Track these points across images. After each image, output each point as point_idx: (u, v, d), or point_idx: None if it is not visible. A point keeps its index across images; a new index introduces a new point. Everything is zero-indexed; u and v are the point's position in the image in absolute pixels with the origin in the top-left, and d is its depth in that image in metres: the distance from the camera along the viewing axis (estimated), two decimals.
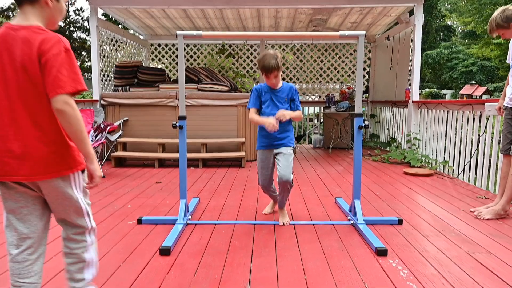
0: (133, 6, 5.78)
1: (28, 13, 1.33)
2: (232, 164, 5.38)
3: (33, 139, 1.32)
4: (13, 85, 1.30)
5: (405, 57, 6.17)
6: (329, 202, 3.40)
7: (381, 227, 2.72)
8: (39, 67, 1.28)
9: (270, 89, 2.77)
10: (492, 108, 3.53)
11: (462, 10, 24.42)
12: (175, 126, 2.74)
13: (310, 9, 6.16)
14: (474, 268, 2.06)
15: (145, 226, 2.72)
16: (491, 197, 3.53)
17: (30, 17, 1.33)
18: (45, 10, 1.35)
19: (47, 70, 1.27)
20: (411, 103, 5.69)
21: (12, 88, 1.31)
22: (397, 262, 2.13)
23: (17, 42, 1.29)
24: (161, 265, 2.09)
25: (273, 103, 2.75)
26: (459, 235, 2.57)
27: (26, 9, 1.34)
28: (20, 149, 1.31)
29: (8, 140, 1.31)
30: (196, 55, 8.49)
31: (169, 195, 3.65)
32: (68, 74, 1.29)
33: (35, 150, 1.32)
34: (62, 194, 1.39)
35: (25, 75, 1.29)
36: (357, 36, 2.74)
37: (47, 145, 1.34)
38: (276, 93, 2.76)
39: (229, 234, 2.57)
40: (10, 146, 1.31)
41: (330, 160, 5.81)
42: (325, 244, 2.40)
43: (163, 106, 5.51)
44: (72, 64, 1.31)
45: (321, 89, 8.43)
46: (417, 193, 3.75)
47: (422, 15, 5.56)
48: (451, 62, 26.30)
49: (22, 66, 1.28)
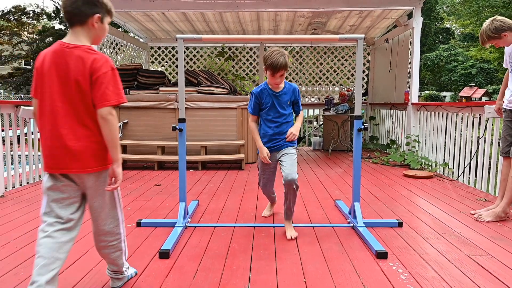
0: (134, 9, 5.80)
1: (78, 33, 1.59)
2: (231, 167, 5.37)
3: (85, 138, 1.57)
4: (65, 93, 1.55)
5: (404, 59, 6.18)
6: (329, 205, 3.40)
7: (381, 229, 2.71)
8: (90, 82, 1.54)
9: (272, 93, 2.59)
10: (492, 110, 3.53)
11: (461, 13, 24.50)
12: (174, 128, 2.74)
13: (309, 12, 6.18)
14: (475, 271, 2.06)
15: (144, 229, 2.71)
16: (491, 199, 3.53)
17: (81, 37, 1.59)
18: (91, 30, 1.61)
19: (97, 86, 1.54)
20: (410, 106, 5.70)
21: (64, 96, 1.55)
22: (397, 265, 2.13)
23: (71, 58, 1.54)
24: (160, 268, 2.08)
25: (275, 108, 2.59)
26: (460, 238, 2.56)
27: (77, 29, 1.59)
28: (74, 147, 1.55)
29: (63, 139, 1.55)
30: (196, 58, 8.51)
31: (169, 197, 3.65)
32: (113, 90, 1.56)
33: (86, 147, 1.57)
34: (103, 185, 1.63)
35: (77, 87, 1.54)
36: (356, 39, 2.74)
37: (95, 143, 1.58)
38: (279, 97, 2.59)
39: (228, 237, 2.56)
40: (65, 144, 1.55)
41: (329, 163, 5.81)
42: (324, 246, 2.39)
43: (162, 109, 5.51)
44: (116, 81, 1.58)
45: (321, 92, 8.44)
46: (417, 196, 3.75)
47: (421, 18, 5.58)
48: (450, 64, 26.36)
49: (75, 79, 1.54)
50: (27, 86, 26.64)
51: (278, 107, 2.60)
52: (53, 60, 1.56)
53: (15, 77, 26.26)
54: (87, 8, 1.57)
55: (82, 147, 1.56)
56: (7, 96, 22.95)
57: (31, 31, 28.39)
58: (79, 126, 1.56)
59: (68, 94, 1.55)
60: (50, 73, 1.56)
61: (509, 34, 2.85)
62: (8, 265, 2.11)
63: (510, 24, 2.85)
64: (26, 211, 3.15)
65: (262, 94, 2.60)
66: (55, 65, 1.55)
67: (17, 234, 2.60)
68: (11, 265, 2.10)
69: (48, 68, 1.56)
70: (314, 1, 5.52)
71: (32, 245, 2.40)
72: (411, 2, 5.49)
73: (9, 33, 26.79)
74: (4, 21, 26.42)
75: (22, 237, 2.54)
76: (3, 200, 3.53)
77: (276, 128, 2.63)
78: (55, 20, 29.29)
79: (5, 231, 2.66)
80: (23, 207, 3.27)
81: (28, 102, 4.29)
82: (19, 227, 2.76)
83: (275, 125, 2.63)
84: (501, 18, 2.90)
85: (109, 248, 1.74)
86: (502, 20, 2.87)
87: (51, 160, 1.58)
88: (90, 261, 2.16)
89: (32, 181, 4.31)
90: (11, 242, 2.46)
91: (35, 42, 27.39)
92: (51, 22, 29.69)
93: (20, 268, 2.07)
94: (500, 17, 2.93)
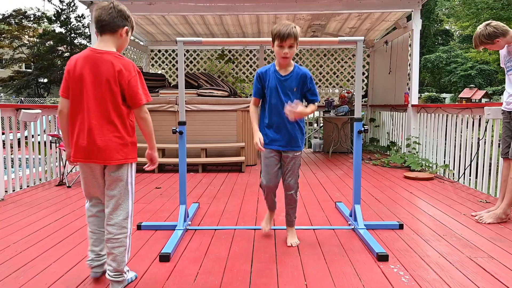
0: (134, 12, 5.74)
1: (107, 40, 1.84)
2: (232, 169, 5.37)
3: (110, 134, 1.80)
4: (96, 93, 1.78)
5: (403, 61, 6.19)
6: (329, 207, 3.39)
7: (382, 231, 2.70)
8: (118, 83, 1.78)
9: (277, 75, 2.31)
10: (492, 111, 3.53)
11: (460, 15, 24.54)
12: (175, 131, 2.74)
13: (309, 15, 6.20)
14: (476, 273, 2.05)
15: (145, 232, 2.71)
16: (492, 200, 3.52)
17: (109, 44, 1.84)
18: (119, 39, 1.87)
19: (130, 87, 1.80)
20: (410, 107, 5.70)
21: (95, 96, 1.78)
22: (398, 267, 2.12)
23: (102, 62, 1.78)
24: (161, 271, 2.07)
25: (277, 94, 2.30)
26: (461, 240, 2.56)
27: (107, 37, 1.84)
28: (101, 142, 1.78)
29: (92, 134, 1.78)
30: (196, 61, 8.52)
31: (169, 200, 3.64)
32: (143, 91, 1.85)
33: (110, 142, 1.80)
34: (120, 176, 1.85)
35: (108, 87, 1.77)
36: (356, 42, 2.75)
37: (119, 138, 1.82)
38: (284, 81, 2.30)
39: (229, 240, 2.56)
40: (93, 138, 1.78)
41: (330, 165, 5.80)
42: (325, 249, 2.39)
43: (163, 112, 5.52)
44: (143, 83, 1.86)
45: (321, 94, 8.44)
46: (418, 197, 3.74)
47: (420, 20, 5.59)
48: (450, 66, 26.39)
49: (107, 80, 1.77)
50: (27, 89, 26.71)
51: (281, 92, 2.29)
52: (85, 64, 1.78)
53: (16, 81, 26.32)
54: (119, 20, 1.84)
55: (107, 141, 1.79)
56: (7, 99, 22.97)
57: (31, 34, 28.48)
58: (106, 122, 1.79)
59: (100, 94, 1.78)
60: (82, 76, 1.78)
61: (502, 39, 2.87)
62: (8, 268, 2.10)
63: (503, 30, 2.86)
64: (26, 215, 3.15)
65: (266, 74, 2.34)
66: (88, 69, 1.78)
67: (17, 238, 2.59)
68: (12, 269, 2.09)
69: (81, 71, 1.78)
70: (314, 4, 5.53)
71: (32, 248, 2.40)
72: (410, 4, 5.50)
73: (10, 36, 26.87)
74: (5, 24, 26.50)
75: (22, 241, 2.54)
76: (3, 203, 3.53)
77: (277, 121, 2.33)
78: (55, 24, 29.38)
79: (5, 235, 2.66)
80: (23, 211, 3.27)
81: (28, 105, 4.29)
82: (19, 230, 2.75)
83: (276, 117, 2.33)
84: (495, 24, 2.89)
85: (114, 241, 1.83)
86: (496, 26, 2.87)
87: (81, 152, 1.81)
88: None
89: (32, 184, 4.31)
90: (11, 245, 2.46)
91: (36, 46, 27.47)
92: (52, 26, 29.78)
93: (20, 271, 2.06)
94: (494, 22, 2.93)
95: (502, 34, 2.85)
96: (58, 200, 3.66)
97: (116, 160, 1.81)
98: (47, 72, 26.37)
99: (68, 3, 28.82)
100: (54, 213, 3.19)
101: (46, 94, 27.10)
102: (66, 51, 28.19)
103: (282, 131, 2.33)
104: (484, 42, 2.92)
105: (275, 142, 2.35)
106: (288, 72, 2.31)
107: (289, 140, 2.35)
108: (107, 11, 1.81)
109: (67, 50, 28.13)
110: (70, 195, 3.85)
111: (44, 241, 2.54)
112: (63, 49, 28.16)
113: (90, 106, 1.78)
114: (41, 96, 25.99)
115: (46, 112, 4.69)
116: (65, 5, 28.83)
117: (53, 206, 3.44)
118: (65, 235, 2.65)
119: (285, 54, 2.22)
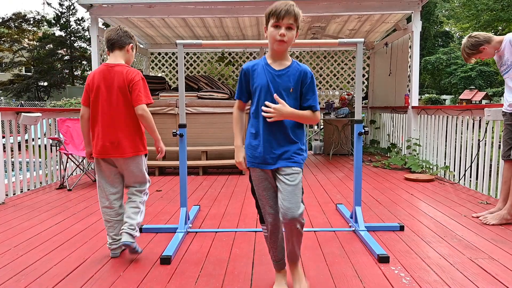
0: (134, 15, 5.83)
1: (117, 55, 2.30)
2: (232, 172, 5.37)
3: (123, 133, 2.23)
4: (111, 99, 2.22)
5: (403, 63, 6.19)
6: (330, 209, 3.39)
7: (383, 233, 2.70)
8: (128, 88, 2.22)
9: (269, 69, 1.74)
10: (492, 113, 3.53)
11: (460, 16, 24.58)
12: (175, 134, 2.74)
13: (308, 17, 6.21)
14: (477, 274, 2.05)
15: (146, 235, 2.70)
16: (493, 202, 3.52)
17: (118, 58, 2.30)
18: (126, 54, 2.33)
19: (133, 90, 2.22)
20: (410, 109, 5.70)
21: (110, 102, 2.22)
22: (399, 269, 2.12)
23: (114, 73, 2.23)
24: (162, 274, 2.07)
25: (269, 94, 1.71)
26: (461, 241, 2.56)
27: (116, 52, 2.31)
28: (116, 139, 2.23)
29: (110, 134, 2.23)
30: (196, 63, 8.53)
31: (170, 203, 3.64)
32: (144, 94, 2.24)
33: (124, 140, 2.24)
34: (135, 167, 2.30)
35: (120, 93, 2.22)
36: (356, 44, 2.75)
37: (131, 135, 2.24)
38: (278, 77, 1.73)
39: (230, 242, 2.56)
40: (111, 138, 2.23)
41: (330, 167, 5.80)
42: (326, 251, 2.39)
43: (163, 114, 5.52)
44: (146, 87, 2.26)
45: (321, 96, 8.45)
46: (418, 199, 3.74)
47: (420, 22, 5.60)
48: (450, 67, 26.41)
49: (118, 87, 2.22)
50: (27, 92, 26.74)
51: (273, 90, 1.71)
52: (100, 77, 2.23)
53: (16, 84, 26.34)
54: (125, 38, 2.31)
55: (121, 139, 2.22)
56: (7, 103, 23.00)
57: (31, 38, 28.54)
58: (121, 123, 2.23)
59: (114, 100, 2.22)
60: (99, 87, 2.22)
61: (488, 46, 2.94)
62: (9, 272, 2.10)
63: (485, 38, 2.94)
64: (27, 218, 3.15)
65: (255, 70, 1.77)
66: (103, 80, 2.22)
67: (18, 241, 2.59)
68: (12, 272, 2.09)
69: (98, 83, 2.23)
70: (314, 6, 5.55)
71: (33, 252, 2.40)
72: (410, 6, 5.51)
73: (10, 40, 26.92)
74: (5, 28, 26.56)
75: (23, 244, 2.54)
76: (3, 207, 3.53)
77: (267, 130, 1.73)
78: (55, 27, 29.45)
79: (6, 238, 2.66)
80: (23, 214, 3.27)
81: (28, 109, 4.30)
82: (19, 234, 2.75)
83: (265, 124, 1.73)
84: (476, 34, 2.99)
85: (130, 202, 2.31)
86: (477, 36, 2.97)
87: (101, 149, 2.24)
88: (92, 268, 2.16)
89: (32, 187, 4.31)
90: (12, 249, 2.46)
91: (36, 49, 27.51)
92: (51, 29, 29.84)
93: (20, 275, 2.06)
94: (475, 32, 3.03)
95: (486, 41, 2.94)
96: (58, 203, 3.66)
97: (129, 153, 2.24)
98: (47, 75, 26.41)
99: (68, 7, 28.91)
100: (55, 217, 3.19)
101: (46, 97, 27.12)
102: (66, 54, 28.25)
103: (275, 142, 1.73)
104: (471, 53, 3.00)
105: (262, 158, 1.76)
106: (284, 66, 1.75)
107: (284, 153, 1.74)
108: (115, 32, 2.29)
109: (67, 53, 28.19)
110: (71, 198, 3.85)
111: (44, 244, 2.54)
112: (63, 52, 28.21)
113: (105, 111, 2.22)
114: (41, 100, 26.00)
115: (46, 116, 4.69)
116: (65, 9, 28.92)
117: (54, 209, 3.44)
118: (65, 238, 2.65)
119: (281, 36, 1.66)
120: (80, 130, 4.79)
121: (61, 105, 10.99)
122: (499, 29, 22.75)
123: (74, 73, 29.55)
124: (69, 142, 4.58)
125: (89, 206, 3.53)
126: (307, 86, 1.76)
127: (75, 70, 29.61)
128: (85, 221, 3.07)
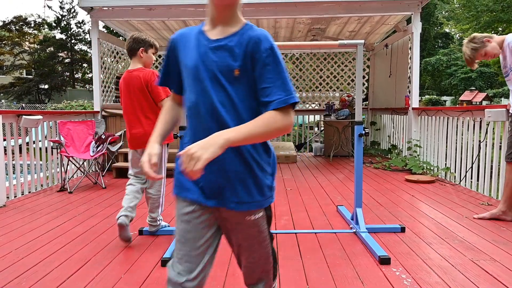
0: (134, 18, 5.84)
1: (134, 61, 2.67)
2: None
3: (148, 126, 2.56)
4: (133, 98, 2.63)
5: (404, 64, 6.20)
6: (331, 211, 3.39)
7: (384, 235, 2.70)
8: (147, 88, 2.60)
9: (204, 38, 1.10)
10: (492, 114, 3.53)
11: (460, 18, 24.60)
12: (176, 136, 2.74)
13: (308, 19, 6.22)
14: (479, 275, 2.05)
15: (146, 237, 2.70)
16: (494, 203, 3.51)
17: (136, 63, 2.67)
18: (140, 58, 2.66)
19: (152, 89, 2.60)
20: (411, 110, 5.70)
21: (134, 101, 2.63)
22: (401, 271, 2.11)
23: (135, 77, 2.62)
24: (163, 276, 2.07)
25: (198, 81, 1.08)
26: (463, 242, 2.55)
27: (133, 58, 2.67)
28: (140, 132, 2.59)
29: (134, 127, 2.63)
30: None
31: (170, 205, 3.64)
32: (162, 90, 2.59)
33: (149, 131, 2.25)
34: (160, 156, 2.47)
35: (140, 92, 2.61)
36: (356, 45, 2.76)
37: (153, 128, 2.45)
38: (212, 51, 1.08)
39: None
40: (135, 132, 2.62)
41: (331, 168, 5.80)
42: (327, 253, 2.38)
43: None
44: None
45: (321, 97, 8.45)
46: (419, 200, 3.74)
47: (420, 23, 5.61)
48: (450, 68, 26.41)
49: (138, 87, 2.61)
50: (28, 95, 26.78)
51: (205, 77, 1.07)
52: (125, 82, 2.66)
53: (17, 87, 26.39)
54: (135, 45, 2.63)
55: (146, 131, 2.52)
56: (8, 105, 23.03)
57: (32, 41, 28.59)
58: (145, 118, 2.61)
59: (137, 98, 2.62)
60: (123, 91, 2.67)
61: (491, 40, 2.94)
62: (10, 274, 2.10)
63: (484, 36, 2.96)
64: (28, 221, 3.15)
65: (184, 41, 1.14)
66: (126, 84, 2.65)
67: (19, 244, 2.59)
68: (14, 275, 2.09)
69: (124, 87, 2.67)
70: (314, 8, 5.56)
71: (34, 254, 2.40)
72: (410, 8, 5.52)
73: (11, 43, 26.99)
74: (6, 31, 26.64)
75: (24, 247, 2.54)
76: (5, 209, 3.53)
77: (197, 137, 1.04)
78: (56, 30, 29.53)
79: (7, 241, 2.66)
80: (24, 217, 3.27)
81: (29, 112, 4.31)
82: (21, 236, 2.76)
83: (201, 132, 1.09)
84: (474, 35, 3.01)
85: (151, 200, 2.66)
86: (475, 36, 2.99)
87: (132, 141, 2.64)
88: (93, 270, 2.16)
89: (33, 190, 4.31)
90: (13, 251, 2.46)
91: (36, 52, 27.58)
92: (52, 32, 29.92)
93: (22, 278, 2.06)
94: (472, 34, 3.05)
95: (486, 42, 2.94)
96: (59, 206, 3.67)
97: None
98: (48, 78, 26.45)
99: (69, 9, 28.99)
100: (56, 219, 3.19)
101: (47, 100, 27.16)
102: (66, 57, 28.31)
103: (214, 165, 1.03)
104: (474, 57, 2.99)
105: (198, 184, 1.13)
106: (227, 33, 1.09)
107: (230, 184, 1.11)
108: (127, 42, 2.66)
109: (68, 56, 28.25)
110: (72, 201, 3.85)
111: (46, 247, 2.54)
112: (64, 55, 28.28)
113: (130, 110, 2.65)
114: (42, 102, 26.04)
115: (47, 118, 4.70)
116: (66, 12, 28.99)
117: (55, 212, 3.44)
118: (66, 241, 2.65)
119: None
120: (80, 133, 4.81)
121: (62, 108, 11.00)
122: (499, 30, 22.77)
123: (75, 76, 29.60)
124: (70, 144, 4.59)
125: (90, 209, 3.53)
126: (262, 64, 1.03)
127: (75, 73, 29.66)
128: (86, 223, 3.07)
